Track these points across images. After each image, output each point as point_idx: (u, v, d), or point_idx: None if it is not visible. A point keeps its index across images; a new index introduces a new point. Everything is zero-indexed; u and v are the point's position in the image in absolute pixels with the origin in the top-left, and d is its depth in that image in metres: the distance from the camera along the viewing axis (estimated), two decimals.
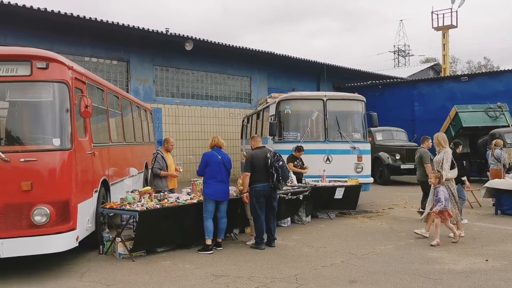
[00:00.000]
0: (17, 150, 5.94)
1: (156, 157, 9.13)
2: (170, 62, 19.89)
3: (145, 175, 12.49)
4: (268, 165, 7.52)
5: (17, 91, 6.26)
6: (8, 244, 5.70)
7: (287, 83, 24.87)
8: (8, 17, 14.33)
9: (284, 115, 12.04)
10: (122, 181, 9.26)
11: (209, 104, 21.25)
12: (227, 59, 21.48)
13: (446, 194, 7.84)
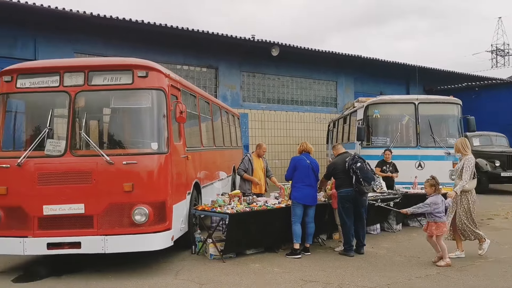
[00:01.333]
0: (119, 153, 6.36)
1: (243, 159, 9.37)
2: (256, 68, 20.26)
3: (233, 178, 12.81)
4: (346, 169, 7.37)
5: (120, 99, 6.72)
6: (112, 241, 6.12)
7: (375, 86, 24.22)
8: (108, 30, 15.48)
9: (372, 120, 11.75)
10: (212, 184, 9.57)
11: (295, 109, 21.31)
12: (313, 63, 21.41)
13: (443, 204, 6.95)
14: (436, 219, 6.82)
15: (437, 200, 6.86)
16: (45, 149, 6.34)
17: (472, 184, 7.16)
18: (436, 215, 6.81)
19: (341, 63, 22.21)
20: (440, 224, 6.81)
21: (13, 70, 6.66)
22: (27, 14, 14.00)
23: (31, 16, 14.14)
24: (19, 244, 6.14)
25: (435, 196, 6.93)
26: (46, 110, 6.62)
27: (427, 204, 6.89)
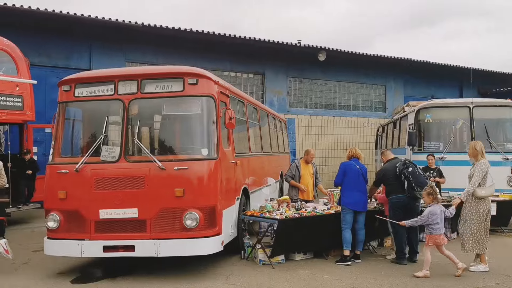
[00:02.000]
0: (171, 159, 6.51)
1: (291, 165, 9.37)
2: (303, 73, 20.20)
3: (281, 184, 12.80)
4: (397, 174, 7.17)
5: (171, 106, 6.88)
6: (164, 245, 6.26)
7: (426, 90, 23.55)
8: (158, 39, 15.93)
9: (424, 124, 11.42)
10: (260, 190, 9.61)
11: (342, 114, 21.05)
12: (361, 67, 21.11)
13: (442, 214, 6.57)
14: (432, 231, 6.50)
15: (434, 210, 6.51)
16: (101, 155, 6.58)
17: (488, 191, 6.64)
18: (432, 227, 6.48)
19: (390, 67, 21.78)
20: (434, 237, 6.48)
21: (71, 80, 6.97)
22: (82, 26, 14.65)
23: (86, 28, 14.78)
24: (77, 247, 6.40)
25: (433, 206, 6.60)
26: (102, 117, 6.88)
27: (424, 216, 6.55)
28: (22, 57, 11.15)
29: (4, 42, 10.77)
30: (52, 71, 14.58)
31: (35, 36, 14.23)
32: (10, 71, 10.95)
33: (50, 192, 6.70)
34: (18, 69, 10.91)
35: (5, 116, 10.60)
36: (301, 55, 19.16)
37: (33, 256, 7.97)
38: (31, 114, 11.24)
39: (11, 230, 9.97)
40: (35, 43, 14.16)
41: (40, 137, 13.45)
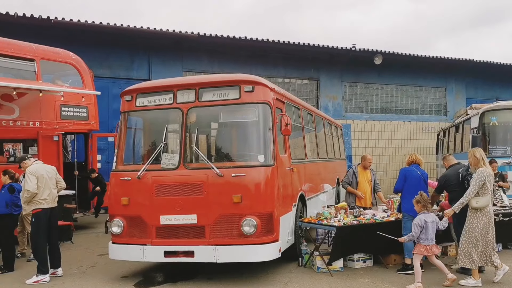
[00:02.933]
0: (228, 166, 6.59)
1: (348, 171, 9.22)
2: (358, 77, 19.87)
3: (337, 190, 12.63)
4: (461, 180, 6.84)
5: (227, 113, 6.98)
6: (222, 251, 6.33)
7: (489, 92, 22.45)
8: (213, 48, 16.26)
9: (489, 128, 10.91)
10: (317, 196, 9.52)
11: (400, 118, 20.48)
12: (419, 70, 20.47)
13: (433, 225, 6.22)
14: (420, 241, 6.21)
15: (423, 219, 6.23)
16: (161, 163, 6.78)
17: (483, 201, 6.20)
18: (420, 237, 6.20)
19: (451, 68, 20.98)
20: (421, 246, 6.20)
21: (132, 90, 7.24)
22: (141, 38, 15.24)
23: (145, 39, 15.36)
24: (140, 251, 6.61)
25: (422, 214, 6.31)
26: (162, 126, 7.09)
27: (415, 225, 6.25)
28: (87, 70, 11.71)
29: (70, 55, 11.37)
30: (114, 82, 15.24)
31: (98, 49, 14.93)
32: (76, 83, 11.54)
33: (114, 198, 6.98)
34: (83, 81, 11.47)
35: (71, 126, 11.18)
36: (356, 59, 18.88)
37: (98, 260, 8.32)
38: (95, 124, 11.78)
39: (77, 235, 10.48)
40: (98, 56, 14.85)
41: (104, 145, 14.06)
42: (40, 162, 7.35)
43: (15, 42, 10.15)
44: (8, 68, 10.42)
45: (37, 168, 7.08)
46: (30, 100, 10.09)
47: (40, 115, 10.35)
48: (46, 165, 7.36)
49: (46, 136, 10.40)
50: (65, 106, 10.90)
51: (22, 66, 10.40)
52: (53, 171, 7.29)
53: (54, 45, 11.27)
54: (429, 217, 6.32)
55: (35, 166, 7.17)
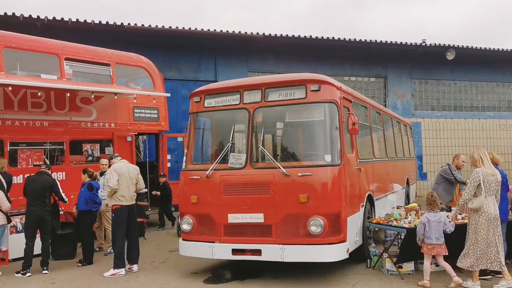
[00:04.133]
0: (294, 166, 6.59)
1: (444, 168, 8.98)
2: (429, 74, 19.11)
3: (407, 191, 12.23)
4: None
5: (294, 113, 6.97)
6: (289, 250, 6.34)
7: None
8: (278, 48, 16.33)
9: None
10: (385, 197, 9.28)
11: (475, 116, 19.46)
12: (496, 65, 19.35)
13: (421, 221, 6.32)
14: (424, 239, 6.29)
15: (425, 216, 6.33)
16: (228, 162, 6.91)
17: (478, 202, 6.02)
18: (425, 236, 6.27)
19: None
20: (427, 245, 6.25)
21: (201, 92, 7.44)
22: (208, 40, 15.61)
23: (211, 41, 15.72)
24: (208, 249, 6.78)
25: (428, 213, 6.39)
26: (229, 126, 7.22)
27: (419, 222, 6.42)
28: (158, 73, 12.18)
29: (142, 59, 11.87)
30: (183, 84, 15.73)
31: (168, 52, 15.47)
32: (148, 85, 12.04)
33: (184, 196, 7.21)
34: (154, 84, 11.95)
35: (143, 127, 11.68)
36: (426, 55, 18.16)
37: (169, 256, 8.62)
38: (165, 125, 12.22)
39: (149, 232, 10.93)
40: (167, 59, 15.40)
41: (173, 145, 14.55)
42: (125, 161, 7.69)
43: (92, 48, 10.76)
44: (86, 73, 11.10)
45: (121, 167, 7.46)
46: (106, 103, 10.66)
47: (115, 117, 10.90)
48: (130, 165, 7.71)
49: (120, 137, 10.93)
50: (137, 108, 11.40)
51: (98, 70, 11.02)
52: (135, 171, 7.60)
53: (127, 49, 11.82)
54: (435, 216, 6.32)
55: (119, 164, 7.56)
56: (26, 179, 7.85)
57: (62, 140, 9.87)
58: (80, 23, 13.59)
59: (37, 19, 13.06)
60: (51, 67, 10.02)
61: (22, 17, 12.85)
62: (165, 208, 11.79)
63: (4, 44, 9.00)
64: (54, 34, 11.31)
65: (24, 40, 9.57)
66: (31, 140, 9.46)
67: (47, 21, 13.15)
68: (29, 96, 9.32)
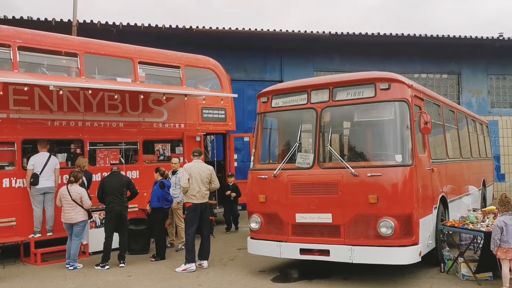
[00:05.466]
0: (363, 166, 6.48)
1: None
2: (507, 69, 18.01)
3: (483, 193, 11.62)
4: None
5: (362, 112, 6.85)
6: (358, 251, 6.26)
7: None
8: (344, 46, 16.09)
9: None
10: (460, 199, 8.88)
11: None
12: None
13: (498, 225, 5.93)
14: (500, 243, 5.93)
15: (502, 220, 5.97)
16: (296, 162, 6.92)
17: None
18: (502, 240, 5.92)
19: None
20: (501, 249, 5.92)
21: (268, 92, 7.51)
22: (274, 40, 15.70)
23: (277, 42, 15.79)
24: (276, 248, 6.83)
25: (503, 216, 6.04)
26: (296, 126, 7.24)
27: (494, 227, 6.05)
28: (225, 74, 12.42)
29: (210, 61, 12.16)
30: (249, 84, 15.94)
31: (234, 53, 15.73)
32: (215, 87, 12.33)
33: (252, 195, 7.31)
34: (221, 85, 12.20)
35: (211, 127, 11.96)
36: (503, 49, 17.12)
37: (237, 253, 8.78)
38: (232, 125, 12.44)
39: (217, 229, 11.17)
40: (234, 60, 15.65)
41: (240, 145, 14.78)
42: (198, 161, 7.87)
43: (163, 52, 11.17)
44: (158, 76, 11.56)
45: (192, 166, 7.70)
46: (176, 104, 11.03)
47: (185, 118, 11.24)
48: (202, 165, 7.85)
49: (190, 137, 11.26)
50: (206, 108, 11.69)
51: (169, 73, 11.43)
52: (207, 171, 7.74)
53: (195, 51, 12.16)
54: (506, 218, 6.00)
55: (191, 164, 7.80)
56: (102, 180, 8.35)
57: (136, 140, 10.33)
58: (151, 27, 14.18)
59: (113, 25, 13.78)
60: (125, 71, 10.53)
61: (99, 24, 13.62)
62: (231, 208, 11.43)
63: (84, 50, 9.58)
64: (127, 39, 11.87)
65: (102, 45, 10.12)
66: (108, 140, 9.97)
67: (121, 27, 13.84)
68: (106, 99, 9.83)
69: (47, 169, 8.50)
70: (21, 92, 8.42)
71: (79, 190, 7.88)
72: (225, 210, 11.53)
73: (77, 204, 7.78)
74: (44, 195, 8.47)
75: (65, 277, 7.35)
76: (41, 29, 9.96)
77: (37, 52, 9.18)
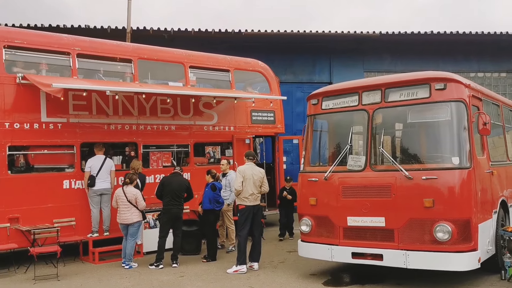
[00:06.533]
0: (418, 168, 6.30)
1: None
2: None
3: None
4: None
5: (416, 113, 6.65)
6: (413, 256, 6.07)
7: None
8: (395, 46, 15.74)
9: None
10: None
11: None
12: None
13: None
14: None
15: None
16: (347, 164, 6.83)
17: None
18: None
19: None
20: None
21: (318, 94, 7.46)
22: (323, 41, 15.58)
23: (326, 43, 15.67)
24: (327, 251, 6.76)
25: None
26: (347, 128, 7.14)
27: None
28: (274, 76, 12.45)
29: (259, 64, 12.23)
30: (297, 86, 15.91)
31: (283, 55, 15.75)
32: (264, 89, 12.38)
33: (303, 198, 7.28)
34: (270, 87, 12.23)
35: (260, 129, 12.01)
36: None
37: (288, 256, 8.76)
38: (281, 127, 12.44)
39: (267, 231, 11.19)
40: (282, 62, 15.67)
41: (288, 147, 14.76)
42: (252, 164, 7.92)
43: (213, 56, 11.35)
44: (208, 79, 11.75)
45: (246, 169, 7.77)
46: (226, 107, 11.17)
47: (234, 120, 11.37)
48: (255, 168, 7.91)
49: (239, 139, 11.36)
50: (255, 111, 11.76)
51: (218, 76, 11.60)
52: (260, 174, 7.81)
53: (244, 55, 12.26)
54: None
55: (244, 167, 7.86)
56: (163, 180, 8.53)
57: (187, 143, 10.55)
58: (201, 32, 14.45)
59: (164, 31, 14.16)
60: (177, 75, 10.79)
61: (151, 30, 14.04)
62: (286, 214, 10.60)
63: (138, 56, 9.89)
64: (178, 43, 12.17)
65: (154, 51, 10.42)
66: (160, 143, 10.25)
67: (172, 32, 14.20)
68: (159, 103, 10.10)
69: (103, 171, 8.84)
70: (80, 97, 8.82)
71: (134, 191, 8.13)
72: (280, 215, 10.80)
73: (132, 205, 8.02)
74: (100, 196, 8.80)
75: (121, 275, 7.60)
76: (98, 37, 10.41)
77: (94, 59, 9.58)
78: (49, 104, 8.65)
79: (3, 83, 8.29)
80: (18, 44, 8.59)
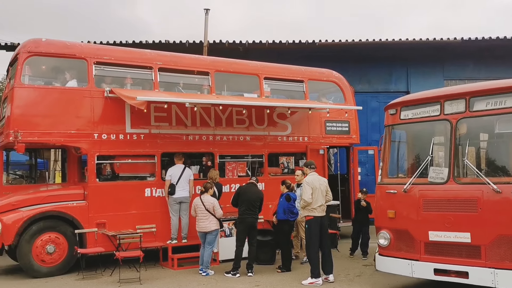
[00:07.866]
0: (508, 182, 5.92)
1: None
2: None
3: None
4: None
5: (505, 123, 6.26)
6: (503, 276, 5.69)
7: None
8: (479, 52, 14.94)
9: None
10: None
11: None
12: None
13: None
14: None
15: None
16: (428, 176, 6.56)
17: None
18: None
19: None
20: None
21: (397, 104, 7.26)
22: (399, 50, 15.16)
23: (402, 51, 15.22)
24: (408, 266, 6.52)
25: None
26: (427, 138, 6.89)
27: None
28: (348, 86, 12.28)
29: (333, 74, 12.14)
30: (372, 96, 15.56)
31: (358, 65, 15.48)
32: (338, 99, 12.26)
33: (380, 211, 7.09)
34: (345, 97, 12.08)
35: (335, 140, 11.87)
36: None
37: (364, 269, 8.55)
38: (356, 138, 12.21)
39: (342, 244, 10.99)
40: (357, 71, 15.40)
41: (364, 158, 14.43)
42: (315, 174, 7.96)
43: (287, 67, 11.45)
44: (282, 90, 11.85)
45: (313, 180, 7.75)
46: (300, 118, 11.18)
47: (308, 131, 11.34)
48: (320, 177, 7.95)
49: (313, 150, 11.31)
50: (329, 121, 11.67)
51: (292, 87, 11.69)
52: (325, 183, 7.83)
53: (318, 65, 12.23)
54: None
55: (311, 177, 7.85)
56: (239, 189, 8.72)
57: (262, 153, 10.67)
58: (275, 44, 14.62)
59: (239, 44, 14.49)
60: (252, 86, 10.98)
61: (227, 43, 14.43)
62: (359, 229, 9.79)
63: (215, 68, 10.21)
64: (253, 55, 12.40)
65: (230, 63, 10.71)
66: (236, 153, 10.46)
67: (247, 45, 14.48)
68: (234, 114, 10.34)
69: (182, 180, 9.17)
70: (161, 109, 9.25)
71: (211, 200, 8.35)
72: (353, 231, 10.07)
73: (210, 213, 8.24)
74: (180, 204, 9.14)
75: (198, 282, 7.81)
76: (176, 51, 10.87)
77: (174, 72, 10.03)
78: (133, 116, 9.17)
79: (93, 97, 8.91)
80: (106, 60, 9.21)
